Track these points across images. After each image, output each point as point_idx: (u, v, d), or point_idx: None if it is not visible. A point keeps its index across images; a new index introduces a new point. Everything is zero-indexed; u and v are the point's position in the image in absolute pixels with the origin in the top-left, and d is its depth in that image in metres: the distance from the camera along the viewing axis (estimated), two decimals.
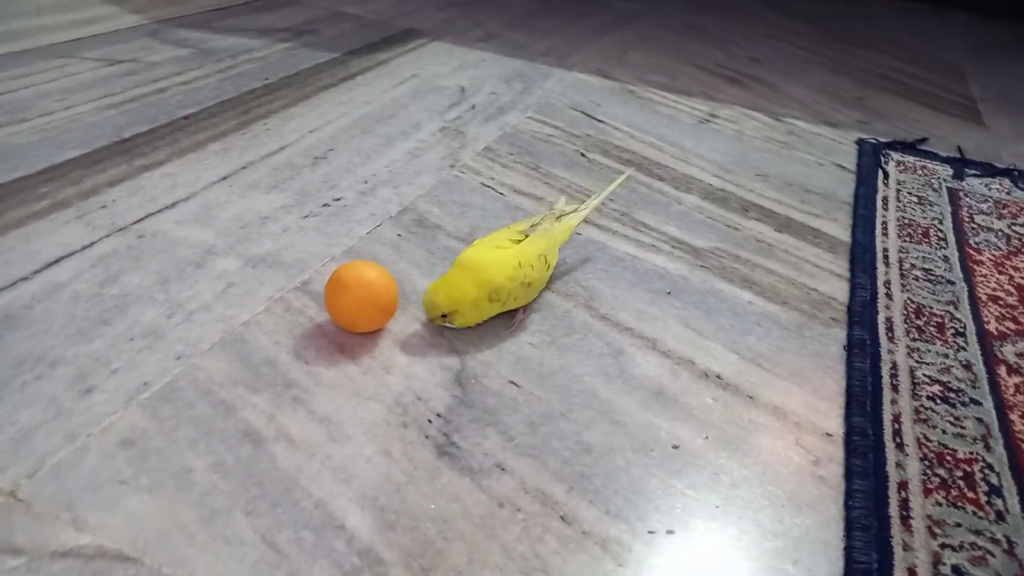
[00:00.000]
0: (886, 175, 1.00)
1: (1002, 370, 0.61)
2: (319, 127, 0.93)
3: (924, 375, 0.60)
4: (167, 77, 1.03)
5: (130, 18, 1.26)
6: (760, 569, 0.44)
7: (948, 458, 0.52)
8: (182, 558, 0.40)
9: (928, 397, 0.58)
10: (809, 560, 0.45)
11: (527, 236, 0.63)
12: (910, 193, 0.93)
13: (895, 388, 0.58)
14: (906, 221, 0.85)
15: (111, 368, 0.52)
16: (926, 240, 0.81)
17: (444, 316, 0.58)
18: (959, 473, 0.51)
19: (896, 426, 0.55)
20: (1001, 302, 0.70)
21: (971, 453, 0.53)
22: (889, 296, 0.70)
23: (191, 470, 0.45)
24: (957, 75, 1.47)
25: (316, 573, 0.41)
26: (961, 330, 0.66)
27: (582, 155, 0.94)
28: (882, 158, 1.05)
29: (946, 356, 0.62)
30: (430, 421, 0.52)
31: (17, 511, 0.41)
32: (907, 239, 0.81)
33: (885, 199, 0.93)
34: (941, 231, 0.84)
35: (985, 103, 1.33)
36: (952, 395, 0.58)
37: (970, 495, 0.50)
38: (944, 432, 0.54)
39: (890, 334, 0.65)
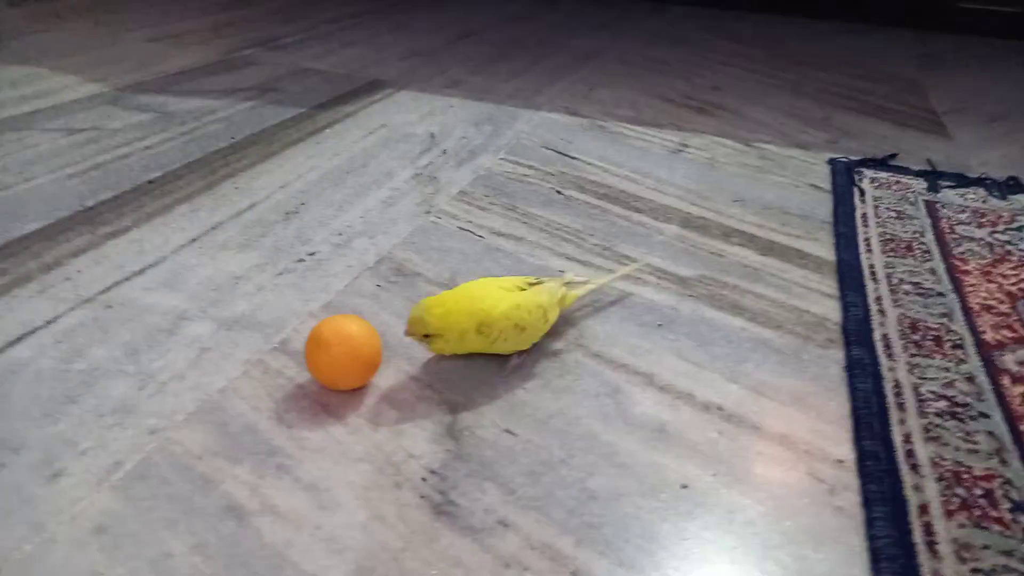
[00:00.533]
0: (862, 192, 1.00)
1: (1006, 380, 0.60)
2: (289, 182, 0.91)
3: (928, 391, 0.58)
4: (129, 143, 1.01)
5: (88, 87, 1.24)
6: None
7: (965, 476, 0.50)
8: None
9: (936, 414, 0.56)
10: None
11: (531, 287, 0.62)
12: (888, 208, 0.93)
13: (901, 407, 0.57)
14: (888, 236, 0.85)
15: (79, 449, 0.49)
16: (910, 254, 0.81)
17: (426, 336, 0.55)
18: (978, 491, 0.49)
19: (908, 447, 0.53)
20: (994, 311, 0.69)
21: (988, 469, 0.51)
22: (882, 312, 0.69)
23: (170, 554, 0.42)
24: (915, 89, 1.50)
25: None
26: (959, 342, 0.64)
27: (558, 192, 0.93)
28: (855, 176, 1.06)
29: (947, 370, 0.61)
30: (424, 479, 0.49)
31: None
32: (891, 254, 0.81)
33: (864, 216, 0.92)
34: (924, 243, 0.83)
35: (947, 115, 1.35)
36: (959, 410, 0.56)
37: (993, 514, 0.47)
38: (957, 449, 0.53)
39: (888, 351, 0.63)
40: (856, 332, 0.66)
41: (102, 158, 0.95)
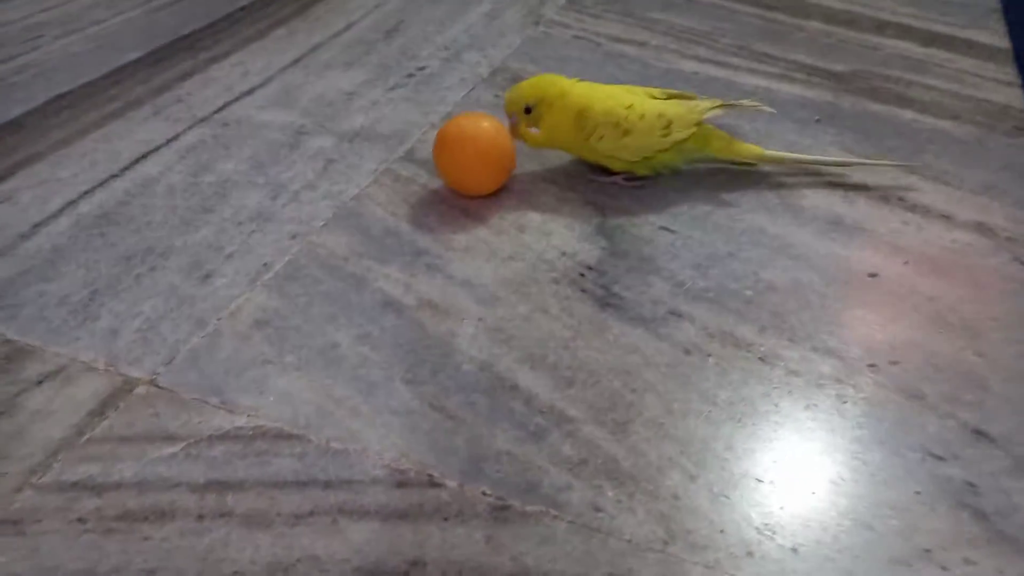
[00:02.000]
0: None
1: None
2: (382, 1, 0.85)
3: None
4: None
5: None
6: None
7: None
8: (350, 431, 0.36)
9: None
10: None
11: (672, 99, 0.53)
12: None
13: None
14: None
15: (225, 253, 0.47)
16: None
17: (527, 111, 0.50)
18: None
19: None
20: None
21: None
22: None
23: (336, 344, 0.40)
24: None
25: (499, 436, 0.36)
26: None
27: None
28: None
29: None
30: (582, 275, 0.45)
31: (161, 399, 0.37)
32: None
33: None
34: None
35: None
36: None
37: None
38: None
39: None
40: None
41: None
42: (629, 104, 0.50)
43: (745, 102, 0.54)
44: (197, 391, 0.38)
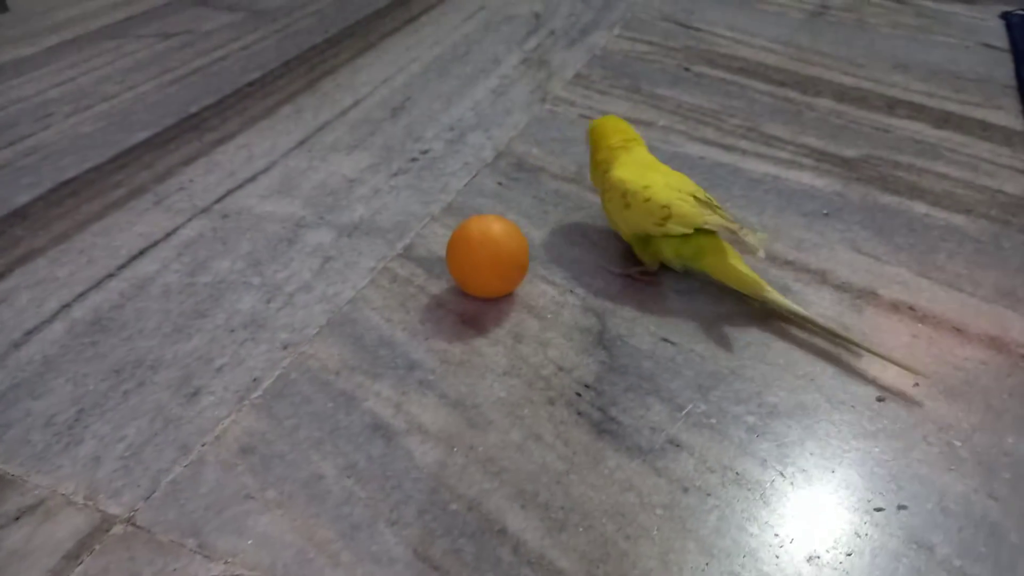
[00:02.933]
0: None
1: None
2: (391, 76, 0.85)
3: None
4: (225, 44, 0.96)
5: None
6: None
7: None
8: None
9: None
10: None
11: (697, 199, 0.50)
12: None
13: None
14: None
15: (215, 366, 0.47)
16: None
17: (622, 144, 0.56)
18: None
19: None
20: None
21: None
22: None
23: (321, 476, 0.39)
24: None
25: None
26: None
27: (686, 69, 0.83)
28: None
29: None
30: (579, 395, 0.44)
31: (138, 541, 0.36)
32: None
33: None
34: None
35: None
36: None
37: None
38: None
39: None
40: None
41: (199, 62, 0.91)
42: (647, 184, 0.51)
43: (750, 238, 0.47)
44: (175, 531, 0.37)
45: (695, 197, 0.50)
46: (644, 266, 0.52)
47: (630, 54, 0.87)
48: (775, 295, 0.47)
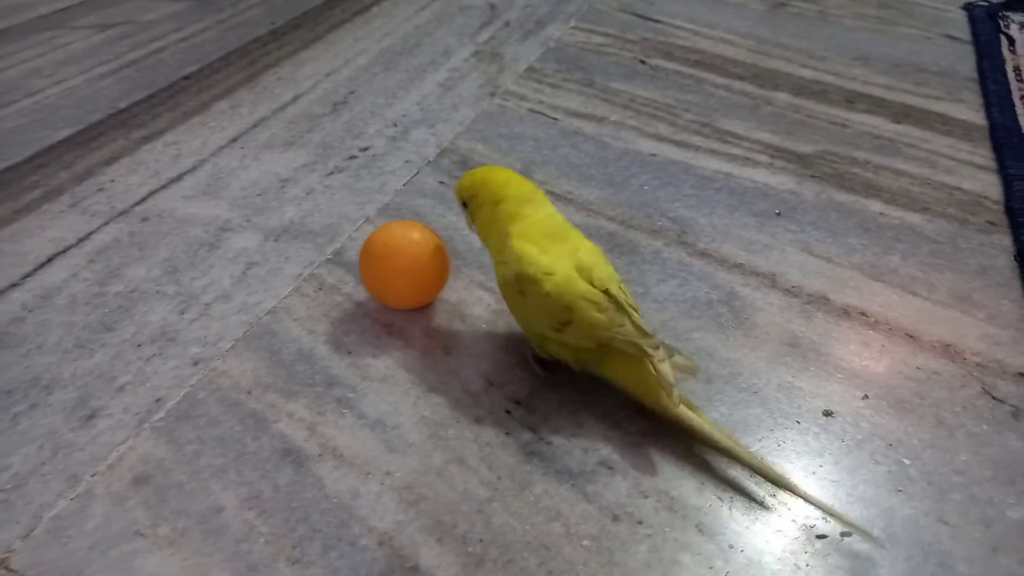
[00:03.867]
0: (1011, 41, 0.83)
1: None
2: (336, 68, 0.81)
3: None
4: (164, 36, 0.92)
5: None
6: None
7: None
8: None
9: None
10: None
11: (616, 282, 0.39)
12: None
13: None
14: None
15: (117, 385, 0.43)
16: None
17: (464, 205, 0.44)
18: None
19: None
20: None
21: None
22: None
23: (221, 508, 0.36)
24: None
25: None
26: None
27: (642, 62, 0.80)
28: (1000, 22, 0.88)
29: None
30: (508, 412, 0.41)
31: None
32: None
33: (1017, 69, 0.76)
34: None
35: None
36: None
37: None
38: None
39: None
40: None
41: (135, 54, 0.86)
42: (549, 271, 0.39)
43: (679, 359, 0.40)
44: (54, 574, 0.33)
45: (607, 292, 0.38)
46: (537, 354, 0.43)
47: (586, 46, 0.84)
48: (689, 416, 0.37)
